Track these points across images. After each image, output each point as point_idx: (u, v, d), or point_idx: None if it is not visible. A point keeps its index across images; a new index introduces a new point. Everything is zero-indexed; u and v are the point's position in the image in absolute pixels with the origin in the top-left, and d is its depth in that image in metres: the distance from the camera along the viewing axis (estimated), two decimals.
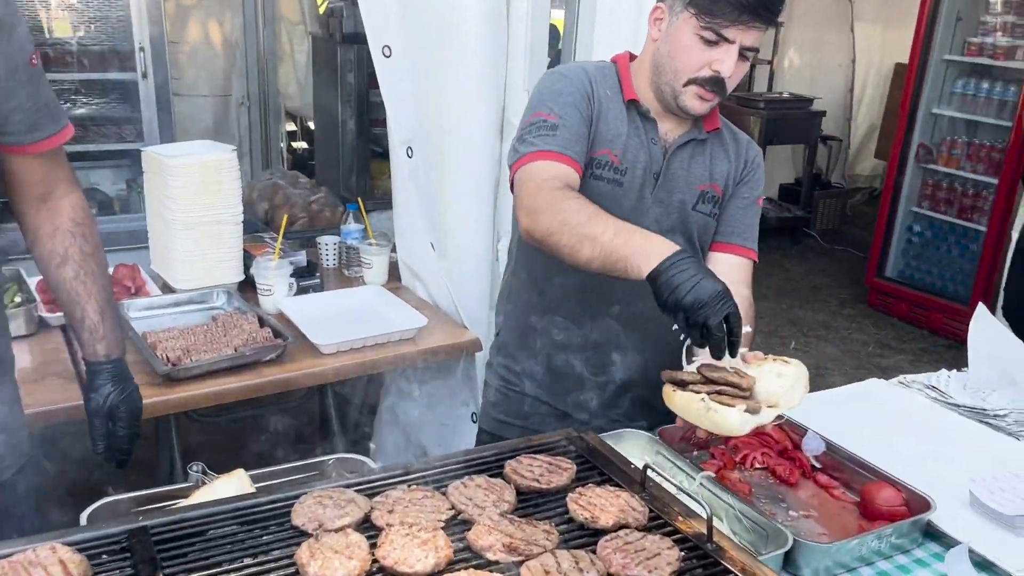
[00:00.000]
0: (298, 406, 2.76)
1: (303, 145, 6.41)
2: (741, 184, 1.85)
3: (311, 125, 5.85)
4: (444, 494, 1.27)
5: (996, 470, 1.67)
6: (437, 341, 2.37)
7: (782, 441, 1.81)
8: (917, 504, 1.55)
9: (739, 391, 1.43)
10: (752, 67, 6.50)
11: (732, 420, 1.39)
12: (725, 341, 1.33)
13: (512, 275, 1.92)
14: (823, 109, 6.97)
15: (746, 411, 1.39)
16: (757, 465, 1.76)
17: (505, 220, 2.72)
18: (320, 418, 2.92)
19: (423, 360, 2.33)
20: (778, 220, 7.04)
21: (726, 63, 1.59)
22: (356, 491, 1.27)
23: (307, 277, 2.63)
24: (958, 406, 1.98)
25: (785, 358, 1.50)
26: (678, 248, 1.38)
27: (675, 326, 1.36)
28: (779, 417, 1.48)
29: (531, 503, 1.28)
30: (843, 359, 4.95)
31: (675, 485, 1.41)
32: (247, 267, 2.58)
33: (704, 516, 1.21)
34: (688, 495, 1.33)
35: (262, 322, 2.30)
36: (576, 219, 1.47)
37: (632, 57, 1.79)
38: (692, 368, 1.49)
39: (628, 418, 1.81)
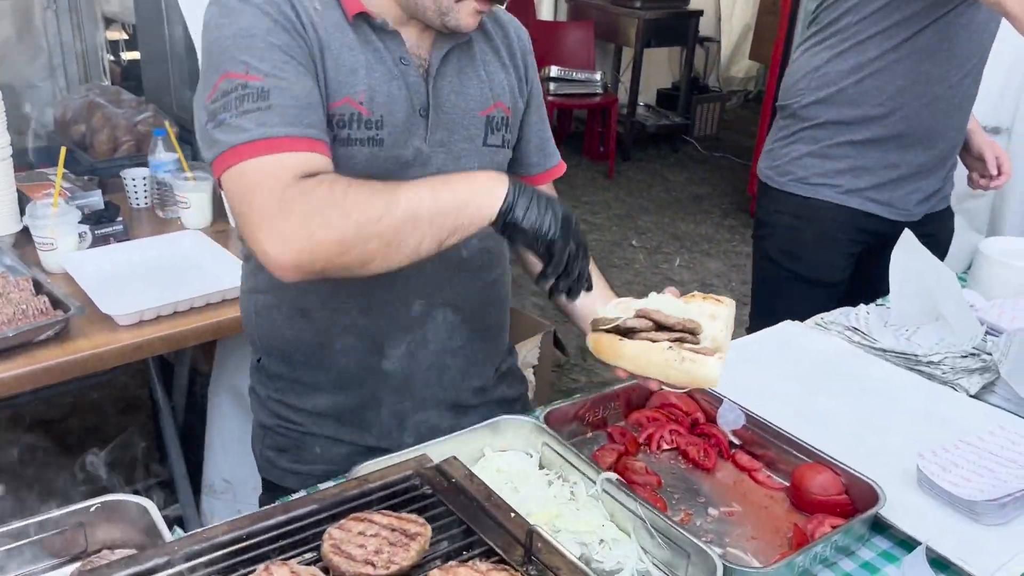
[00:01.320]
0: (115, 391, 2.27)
1: (135, 55, 5.62)
2: (528, 86, 1.42)
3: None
4: None
5: (943, 436, 1.41)
6: None
7: (693, 413, 1.50)
8: (859, 491, 1.27)
9: (694, 337, 1.19)
10: None
11: (715, 371, 1.15)
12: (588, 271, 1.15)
13: (255, 285, 1.39)
14: (700, 8, 6.65)
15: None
16: (665, 446, 1.44)
17: None
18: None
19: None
20: (657, 128, 6.75)
21: None
22: None
23: (106, 223, 2.11)
24: (885, 351, 1.71)
25: (715, 296, 1.24)
26: (498, 172, 1.13)
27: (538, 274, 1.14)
28: None
29: None
30: (729, 274, 4.76)
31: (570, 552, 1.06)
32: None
33: None
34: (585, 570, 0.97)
35: (39, 287, 1.80)
36: (374, 209, 1.04)
37: None
38: (610, 313, 1.23)
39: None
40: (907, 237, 1.78)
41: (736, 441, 1.44)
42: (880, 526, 1.26)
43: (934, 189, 2.10)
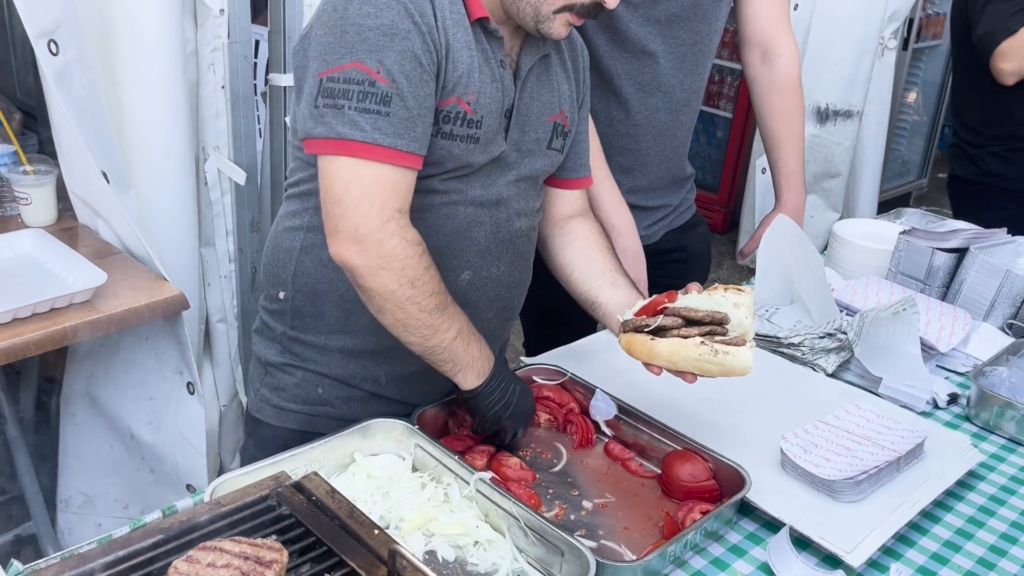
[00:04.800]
0: None
1: None
2: (583, 105, 1.53)
3: None
4: None
5: (804, 416, 1.46)
6: (127, 302, 1.80)
7: (566, 404, 1.50)
8: (727, 476, 1.30)
9: (722, 329, 1.24)
10: None
11: (748, 360, 1.22)
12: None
13: (307, 223, 1.39)
14: None
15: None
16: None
17: (210, 132, 2.15)
18: None
19: (104, 331, 1.77)
20: None
21: None
22: None
23: None
24: None
25: (736, 287, 1.28)
26: (494, 361, 1.34)
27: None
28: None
29: None
30: None
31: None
32: None
33: None
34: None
35: None
36: (427, 302, 1.24)
37: None
38: (630, 315, 1.31)
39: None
40: (783, 221, 1.84)
41: (608, 432, 1.45)
42: (747, 509, 1.29)
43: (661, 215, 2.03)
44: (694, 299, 1.26)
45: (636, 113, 1.86)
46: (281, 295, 1.44)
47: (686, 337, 1.23)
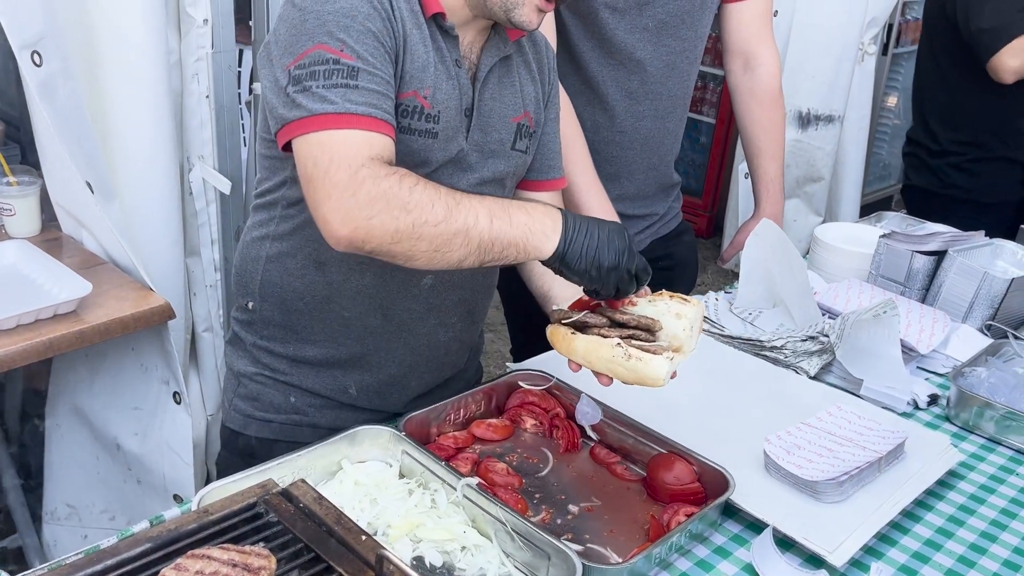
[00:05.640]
0: None
1: None
2: (549, 104, 1.51)
3: None
4: None
5: (787, 418, 1.48)
6: (112, 312, 1.80)
7: (552, 409, 1.51)
8: (711, 478, 1.31)
9: (649, 335, 1.21)
10: None
11: (660, 369, 1.17)
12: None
13: (272, 232, 1.40)
14: None
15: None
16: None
17: (195, 142, 2.16)
18: None
19: (89, 341, 1.77)
20: None
21: None
22: None
23: None
24: (732, 339, 1.78)
25: (682, 296, 1.26)
26: (559, 208, 1.22)
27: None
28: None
29: None
30: None
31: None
32: None
33: None
34: None
35: None
36: (433, 214, 1.13)
37: None
38: (565, 307, 1.29)
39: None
40: (766, 225, 1.86)
41: (594, 436, 1.46)
42: (731, 510, 1.31)
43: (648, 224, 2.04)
44: (638, 305, 1.26)
45: (623, 120, 1.87)
46: (250, 305, 1.45)
47: (606, 337, 1.20)
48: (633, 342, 1.19)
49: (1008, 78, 2.52)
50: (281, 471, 1.22)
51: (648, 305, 1.25)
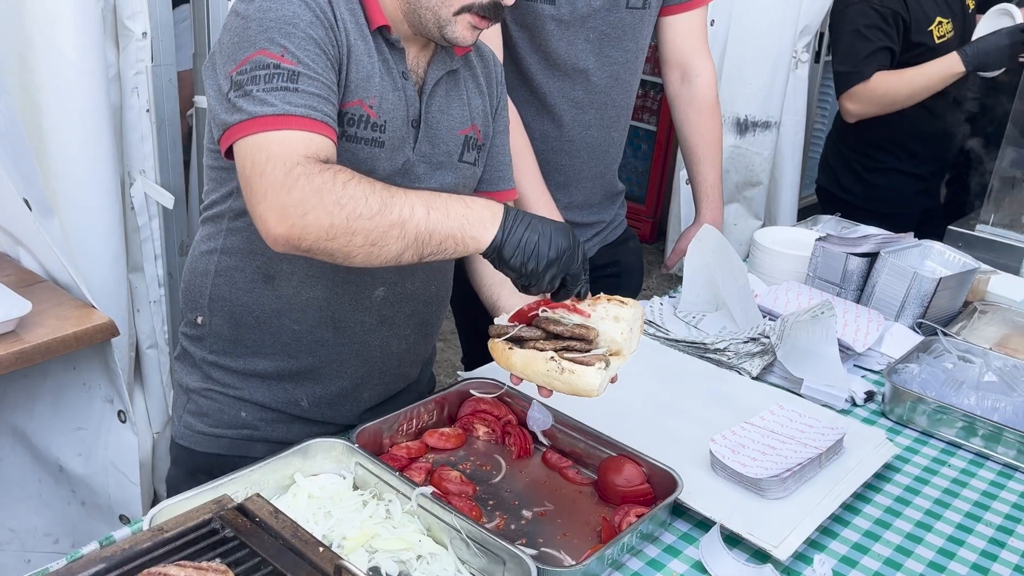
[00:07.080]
0: None
1: None
2: (498, 117, 1.54)
3: None
4: None
5: (732, 419, 1.52)
6: (53, 331, 1.77)
7: (504, 416, 1.53)
8: (660, 479, 1.35)
9: (585, 344, 1.21)
10: None
11: (592, 381, 1.18)
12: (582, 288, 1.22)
13: (220, 246, 1.41)
14: None
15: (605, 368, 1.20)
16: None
17: (136, 156, 2.13)
18: None
19: (30, 361, 1.73)
20: None
21: None
22: None
23: None
24: (677, 342, 1.83)
25: (620, 298, 1.26)
26: (500, 204, 1.20)
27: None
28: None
29: None
30: None
31: None
32: None
33: None
34: None
35: None
36: (367, 207, 1.11)
37: None
38: (504, 320, 1.27)
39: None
40: (707, 231, 1.91)
41: (546, 442, 1.48)
42: (680, 510, 1.34)
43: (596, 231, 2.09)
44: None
45: (570, 130, 1.91)
46: (199, 320, 1.44)
47: (541, 350, 1.21)
48: (567, 354, 1.20)
49: (849, 119, 2.70)
50: (234, 486, 1.21)
51: (588, 309, 1.25)
